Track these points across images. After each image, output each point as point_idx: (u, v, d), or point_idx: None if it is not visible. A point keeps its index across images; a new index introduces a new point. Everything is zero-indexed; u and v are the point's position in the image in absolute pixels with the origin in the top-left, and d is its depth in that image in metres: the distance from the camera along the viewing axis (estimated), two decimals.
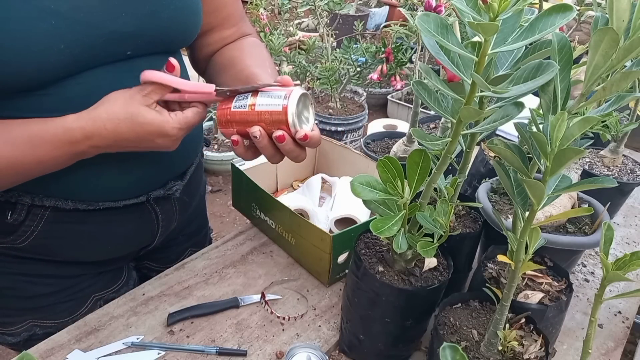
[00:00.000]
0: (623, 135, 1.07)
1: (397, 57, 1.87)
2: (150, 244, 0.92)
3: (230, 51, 0.87)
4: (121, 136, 0.63)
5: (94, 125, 0.62)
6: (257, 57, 0.84)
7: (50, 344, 0.77)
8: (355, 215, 1.02)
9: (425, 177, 0.60)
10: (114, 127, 0.63)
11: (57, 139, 0.62)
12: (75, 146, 0.63)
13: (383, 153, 1.31)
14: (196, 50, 0.90)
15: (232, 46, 0.88)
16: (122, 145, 0.65)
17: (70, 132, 0.62)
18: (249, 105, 0.64)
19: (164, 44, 0.74)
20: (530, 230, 0.54)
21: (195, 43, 0.89)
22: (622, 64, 0.45)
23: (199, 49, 0.90)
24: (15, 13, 0.57)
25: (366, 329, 0.73)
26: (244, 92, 0.66)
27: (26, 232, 0.75)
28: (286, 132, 0.63)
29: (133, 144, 0.65)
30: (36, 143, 0.62)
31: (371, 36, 3.81)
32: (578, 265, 1.01)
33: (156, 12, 0.69)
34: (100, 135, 0.63)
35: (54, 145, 0.62)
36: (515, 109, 0.53)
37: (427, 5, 1.08)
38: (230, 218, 2.53)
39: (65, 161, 0.65)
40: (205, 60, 0.90)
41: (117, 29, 0.65)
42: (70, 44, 0.61)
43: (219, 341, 0.79)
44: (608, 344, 0.84)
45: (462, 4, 0.48)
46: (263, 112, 0.63)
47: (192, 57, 0.94)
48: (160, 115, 0.64)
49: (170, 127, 0.64)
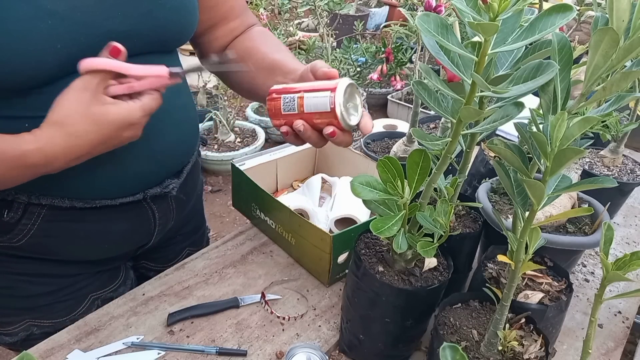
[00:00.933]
0: (623, 135, 1.07)
1: (397, 57, 1.87)
2: (148, 243, 0.92)
3: (242, 43, 0.88)
4: (88, 144, 0.61)
5: (45, 136, 0.60)
6: (271, 44, 0.85)
7: (50, 344, 0.77)
8: (355, 215, 1.02)
9: (425, 177, 0.60)
10: (78, 140, 0.61)
11: (15, 163, 0.60)
12: (38, 169, 0.61)
13: (383, 153, 1.31)
14: (204, 46, 0.91)
15: (242, 38, 0.89)
16: (92, 153, 0.63)
17: (28, 155, 0.60)
18: (298, 107, 0.64)
19: (161, 44, 0.74)
20: (530, 230, 0.54)
21: (202, 40, 0.90)
22: (622, 64, 0.45)
23: (207, 45, 0.90)
24: (13, 13, 0.57)
25: (366, 329, 0.73)
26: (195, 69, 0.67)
27: (23, 230, 0.75)
28: (337, 127, 0.64)
29: (101, 147, 0.63)
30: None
31: (371, 36, 3.81)
32: (578, 265, 1.01)
33: (152, 12, 0.69)
34: (55, 143, 0.60)
35: (12, 166, 0.61)
36: (515, 109, 0.53)
37: (427, 5, 1.08)
38: (230, 218, 2.53)
39: (32, 177, 0.63)
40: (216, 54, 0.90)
41: (113, 29, 0.65)
42: (67, 43, 0.61)
43: (219, 341, 0.79)
44: (608, 344, 0.84)
45: (462, 4, 0.48)
46: (313, 114, 0.64)
47: (200, 54, 0.94)
48: (120, 107, 0.61)
49: (136, 117, 0.63)
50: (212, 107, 2.99)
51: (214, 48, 0.90)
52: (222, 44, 0.89)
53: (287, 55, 0.79)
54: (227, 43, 0.89)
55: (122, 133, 0.63)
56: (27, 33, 0.58)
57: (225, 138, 2.81)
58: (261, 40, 0.87)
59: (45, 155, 0.61)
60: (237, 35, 0.89)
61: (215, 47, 0.90)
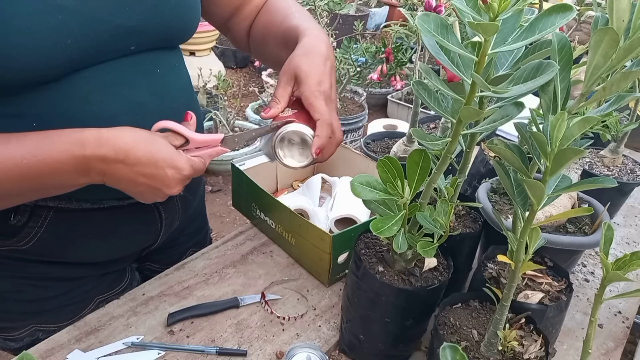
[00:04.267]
0: (623, 135, 1.07)
1: (397, 57, 1.87)
2: (154, 244, 0.92)
3: (261, 17, 0.89)
4: (135, 153, 0.62)
5: (110, 132, 0.62)
6: (282, 12, 0.85)
7: (50, 344, 0.77)
8: (355, 215, 1.01)
9: (425, 177, 0.60)
10: (131, 140, 0.62)
11: (67, 138, 0.61)
12: (84, 148, 0.60)
13: (383, 153, 1.31)
14: (235, 28, 0.92)
15: (261, 12, 0.89)
16: (131, 165, 0.62)
17: (82, 133, 0.61)
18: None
19: (166, 39, 0.74)
20: (530, 230, 0.54)
21: (231, 23, 0.91)
22: (622, 64, 0.45)
23: (237, 27, 0.91)
24: (23, 8, 0.57)
25: (366, 329, 0.73)
26: (255, 135, 0.72)
27: (30, 233, 0.75)
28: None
29: (142, 168, 0.63)
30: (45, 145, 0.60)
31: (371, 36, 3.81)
32: (578, 265, 1.01)
33: (158, 7, 0.70)
34: (114, 142, 0.61)
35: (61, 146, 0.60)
36: (515, 109, 0.53)
37: (427, 5, 1.08)
38: (230, 218, 2.53)
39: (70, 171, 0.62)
40: (247, 34, 0.91)
41: (121, 24, 0.65)
42: (77, 38, 0.61)
43: (219, 341, 0.79)
44: (608, 344, 0.84)
45: (462, 4, 0.48)
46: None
47: (234, 39, 0.95)
48: (172, 148, 0.65)
49: (183, 162, 0.64)
50: (212, 107, 2.99)
51: (244, 28, 0.90)
52: (250, 23, 0.90)
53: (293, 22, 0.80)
54: (254, 20, 0.90)
55: (166, 168, 0.63)
56: (38, 28, 0.58)
57: None
58: (275, 11, 0.87)
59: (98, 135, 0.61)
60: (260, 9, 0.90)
61: (245, 26, 0.90)
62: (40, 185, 0.63)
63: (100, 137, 0.61)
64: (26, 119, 0.64)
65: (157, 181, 0.64)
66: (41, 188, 0.64)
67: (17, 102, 0.63)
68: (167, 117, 0.75)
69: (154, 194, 0.66)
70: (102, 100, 0.68)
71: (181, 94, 0.80)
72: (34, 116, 0.64)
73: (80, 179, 0.63)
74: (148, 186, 0.65)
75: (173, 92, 0.77)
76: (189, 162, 0.65)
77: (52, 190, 0.67)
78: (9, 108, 0.63)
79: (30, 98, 0.63)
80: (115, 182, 0.64)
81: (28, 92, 0.63)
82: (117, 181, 0.64)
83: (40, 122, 0.65)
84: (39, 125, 0.65)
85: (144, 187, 0.65)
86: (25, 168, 0.59)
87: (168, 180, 0.64)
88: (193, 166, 0.66)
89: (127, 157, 0.62)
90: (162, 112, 0.75)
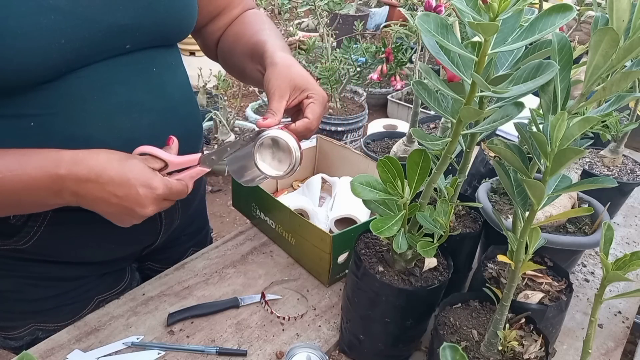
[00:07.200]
0: (623, 135, 1.07)
1: (397, 57, 1.87)
2: (154, 243, 0.91)
3: (234, 27, 0.90)
4: (108, 172, 0.62)
5: (86, 153, 0.63)
6: (256, 27, 0.87)
7: (50, 344, 0.77)
8: (355, 215, 1.02)
9: (425, 177, 0.60)
10: (105, 160, 0.62)
11: (44, 156, 0.62)
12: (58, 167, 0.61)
13: (383, 153, 1.31)
14: (208, 37, 0.92)
15: (235, 22, 0.91)
16: (103, 184, 0.63)
17: (59, 152, 0.62)
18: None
19: (162, 37, 0.74)
20: (530, 230, 0.54)
21: (205, 30, 0.91)
22: (622, 64, 0.45)
23: (210, 35, 0.92)
24: (16, 9, 0.57)
25: (366, 329, 0.73)
26: (232, 152, 0.71)
27: (29, 233, 0.75)
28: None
29: (114, 188, 0.63)
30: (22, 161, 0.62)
31: (371, 36, 3.81)
32: (578, 265, 1.01)
33: (152, 5, 0.70)
34: (88, 161, 0.62)
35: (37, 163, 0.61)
36: (515, 109, 0.53)
37: (427, 5, 1.08)
38: (230, 218, 2.53)
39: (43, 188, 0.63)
40: (216, 45, 0.92)
41: (115, 22, 0.66)
42: (71, 38, 0.61)
43: (219, 341, 0.79)
44: (608, 344, 0.84)
45: (462, 4, 0.48)
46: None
47: (204, 45, 0.95)
48: (147, 168, 0.65)
49: (157, 181, 0.64)
50: (212, 107, 2.99)
51: (216, 37, 0.91)
52: (221, 33, 0.91)
53: (262, 37, 0.81)
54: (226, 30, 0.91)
55: (138, 187, 0.63)
56: (31, 30, 0.58)
57: (225, 138, 2.80)
58: (249, 23, 0.88)
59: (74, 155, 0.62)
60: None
61: (217, 36, 0.91)
62: (16, 201, 0.64)
63: (76, 157, 0.62)
64: (24, 119, 0.65)
65: (130, 201, 0.64)
66: (18, 204, 0.66)
67: (14, 102, 0.63)
68: (164, 115, 0.76)
69: (128, 215, 0.66)
70: (98, 99, 0.68)
71: (178, 92, 0.80)
72: (31, 116, 0.65)
73: (54, 199, 0.64)
74: (121, 206, 0.65)
75: (170, 90, 0.77)
76: (163, 182, 0.65)
77: (28, 208, 0.69)
78: (6, 109, 0.63)
79: (27, 98, 0.64)
80: (90, 203, 0.65)
81: (25, 93, 0.63)
82: (91, 202, 0.65)
83: (37, 122, 0.65)
84: (36, 125, 0.65)
85: (117, 208, 0.65)
86: (0, 182, 0.61)
87: (140, 199, 0.64)
88: (168, 186, 0.66)
89: (99, 176, 0.62)
90: (158, 110, 0.75)
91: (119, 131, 0.70)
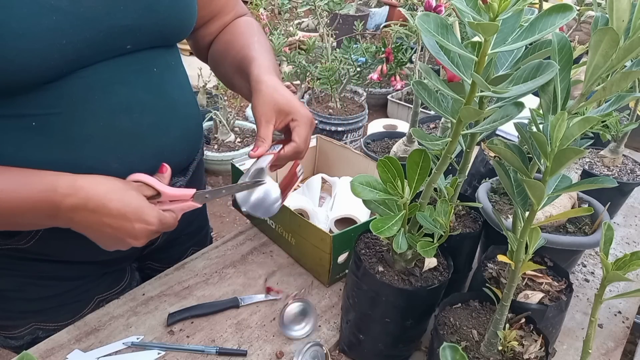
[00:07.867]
0: (623, 135, 1.07)
1: (397, 57, 1.87)
2: (154, 243, 0.91)
3: (224, 36, 0.91)
4: (107, 204, 0.63)
5: (85, 180, 0.63)
6: (245, 39, 0.87)
7: (50, 344, 0.77)
8: (355, 215, 1.02)
9: (425, 177, 0.60)
10: (105, 191, 0.63)
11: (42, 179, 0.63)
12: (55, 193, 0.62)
13: (383, 153, 1.31)
14: (199, 40, 0.93)
15: (225, 30, 0.92)
16: (101, 215, 0.63)
17: (58, 178, 0.63)
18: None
19: (163, 37, 0.75)
20: (530, 230, 0.54)
21: (197, 34, 0.92)
22: (622, 64, 0.45)
23: (201, 39, 0.92)
24: (17, 10, 0.57)
25: (366, 329, 0.73)
26: (226, 193, 0.74)
27: (30, 232, 0.75)
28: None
29: (111, 219, 0.64)
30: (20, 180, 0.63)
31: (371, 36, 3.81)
32: (578, 265, 1.01)
33: (153, 5, 0.70)
34: (87, 191, 0.63)
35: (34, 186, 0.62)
36: (515, 109, 0.53)
37: (427, 5, 1.08)
38: (230, 218, 2.53)
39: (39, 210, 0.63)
40: (207, 48, 0.93)
41: (115, 23, 0.66)
42: (72, 39, 0.62)
43: (219, 341, 0.79)
44: (608, 344, 0.84)
45: (462, 4, 0.48)
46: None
47: (195, 48, 0.96)
48: (147, 201, 0.66)
49: (152, 216, 0.66)
50: (212, 107, 2.99)
51: (206, 42, 0.92)
52: (212, 39, 0.92)
53: (250, 53, 0.82)
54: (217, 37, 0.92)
55: (134, 222, 0.65)
56: (33, 30, 0.58)
57: (225, 138, 2.81)
58: (240, 34, 0.89)
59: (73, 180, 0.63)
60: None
61: (209, 40, 0.92)
62: (12, 219, 0.65)
63: (74, 184, 0.63)
64: (25, 119, 0.65)
65: (123, 233, 0.66)
66: (14, 222, 0.67)
67: (16, 102, 0.64)
68: (165, 115, 0.76)
69: (117, 243, 0.68)
70: (99, 99, 0.68)
71: (179, 92, 0.80)
72: (33, 116, 0.65)
73: (48, 222, 0.66)
74: (113, 236, 0.66)
75: (170, 90, 0.78)
76: (158, 217, 0.66)
77: (24, 226, 0.71)
78: (8, 109, 0.64)
79: (28, 99, 0.64)
80: (82, 229, 0.67)
81: (26, 93, 0.63)
82: (83, 228, 0.66)
83: (39, 122, 0.65)
84: (38, 125, 0.65)
85: (109, 237, 0.67)
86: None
87: (135, 233, 0.66)
88: (162, 221, 0.67)
89: (97, 207, 0.63)
90: (159, 110, 0.75)
91: (119, 131, 0.70)
